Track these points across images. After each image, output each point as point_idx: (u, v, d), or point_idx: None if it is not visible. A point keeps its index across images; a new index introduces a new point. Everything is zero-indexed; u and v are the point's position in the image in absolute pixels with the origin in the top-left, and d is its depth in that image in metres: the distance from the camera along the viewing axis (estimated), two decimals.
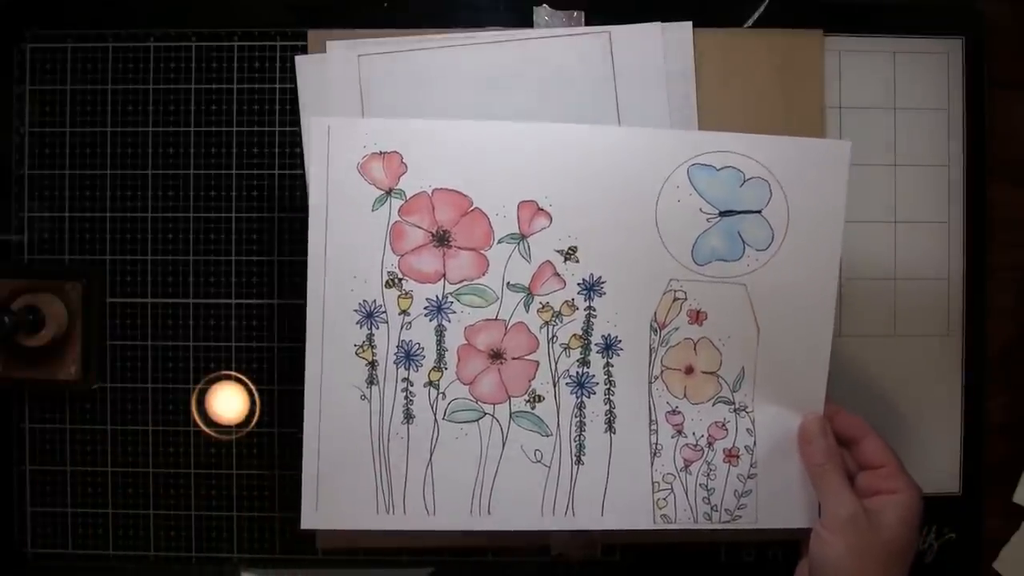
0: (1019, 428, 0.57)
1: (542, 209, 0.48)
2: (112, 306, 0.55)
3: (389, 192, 0.48)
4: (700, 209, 0.48)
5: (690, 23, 0.54)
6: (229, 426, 0.55)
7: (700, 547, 0.56)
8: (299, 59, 0.54)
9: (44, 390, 0.55)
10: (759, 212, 0.48)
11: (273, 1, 0.55)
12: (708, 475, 0.49)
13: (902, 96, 0.56)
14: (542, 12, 0.55)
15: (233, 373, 0.55)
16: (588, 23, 0.54)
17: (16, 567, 0.55)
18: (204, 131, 0.55)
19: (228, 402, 0.55)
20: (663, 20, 0.54)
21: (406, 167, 0.48)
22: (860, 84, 0.56)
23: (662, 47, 0.54)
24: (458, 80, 0.54)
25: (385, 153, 0.48)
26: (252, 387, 0.55)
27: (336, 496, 0.48)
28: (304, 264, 0.47)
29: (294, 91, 0.54)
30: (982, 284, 0.56)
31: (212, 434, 0.55)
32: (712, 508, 0.49)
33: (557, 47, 0.54)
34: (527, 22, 0.55)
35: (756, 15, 0.55)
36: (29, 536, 0.55)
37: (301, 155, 0.55)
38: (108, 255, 0.55)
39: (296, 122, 0.54)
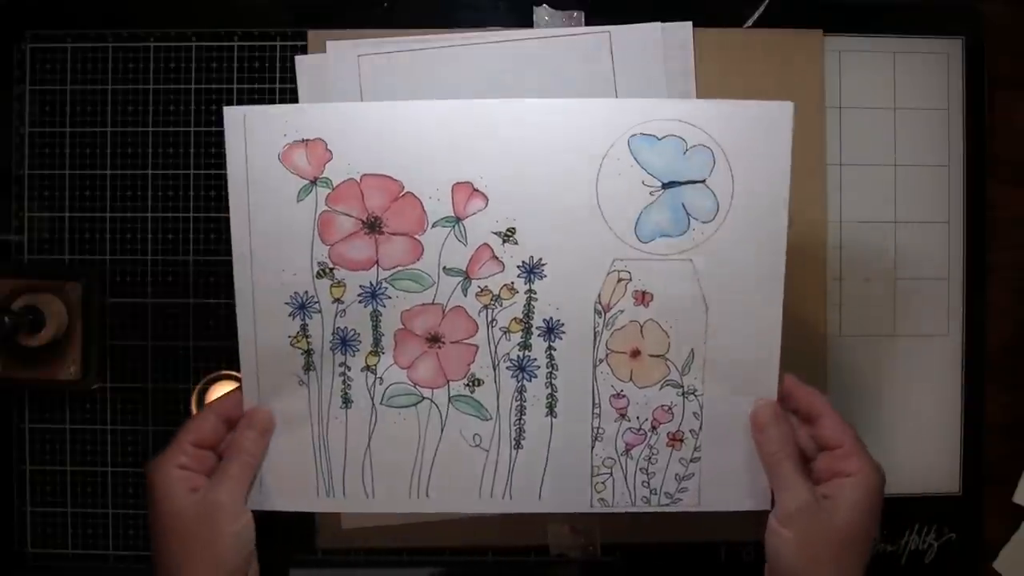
0: (1019, 428, 0.57)
1: (477, 190, 0.47)
2: (112, 306, 0.55)
3: (314, 181, 0.46)
4: (642, 182, 0.46)
5: (690, 23, 0.54)
6: None
7: (700, 547, 0.56)
8: (299, 59, 0.54)
9: (44, 390, 0.55)
10: (703, 182, 0.47)
11: (273, 1, 0.55)
12: (649, 459, 0.49)
13: (902, 96, 0.56)
14: (542, 12, 0.55)
15: (233, 373, 0.55)
16: (588, 23, 0.54)
17: (16, 567, 0.55)
18: (204, 131, 0.55)
19: None
20: (663, 20, 0.54)
21: (331, 154, 0.46)
22: (860, 84, 0.56)
23: (662, 47, 0.54)
24: (458, 80, 0.54)
25: (308, 140, 0.46)
26: None
27: (278, 479, 0.48)
28: None
29: (294, 91, 0.54)
30: (982, 284, 0.56)
31: None
32: (651, 492, 0.49)
33: (557, 47, 0.54)
34: (527, 22, 0.55)
35: (756, 15, 0.55)
36: (29, 536, 0.55)
37: None
38: (108, 255, 0.55)
39: None
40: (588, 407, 0.49)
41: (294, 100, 0.54)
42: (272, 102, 0.55)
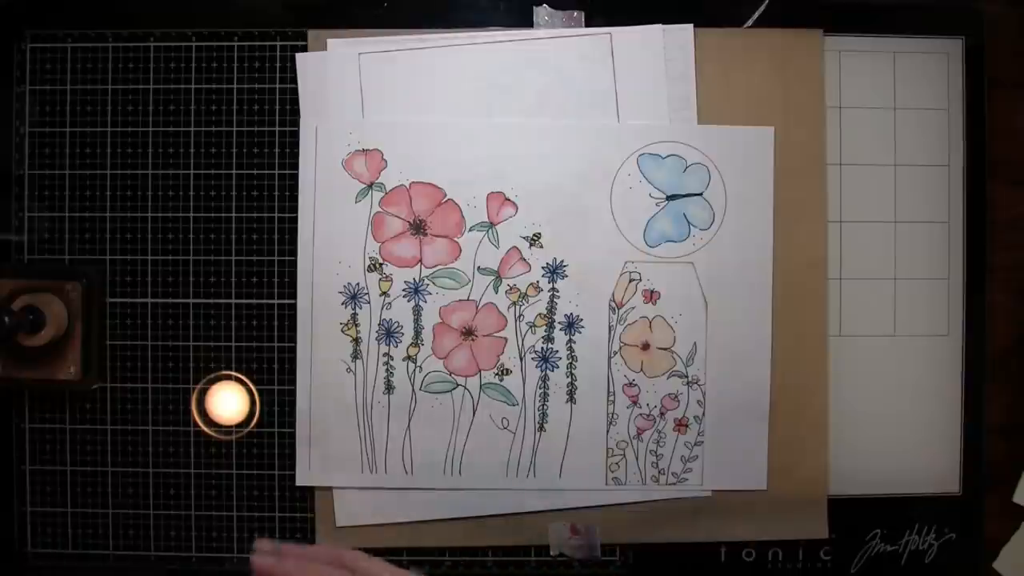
0: (1019, 428, 0.57)
1: (509, 199, 0.53)
2: (112, 306, 0.55)
3: (371, 185, 0.53)
4: (649, 195, 0.53)
5: (691, 25, 0.54)
6: (229, 426, 0.55)
7: (699, 547, 0.56)
8: (300, 56, 0.54)
9: (44, 390, 0.55)
10: (701, 195, 0.53)
11: (273, 1, 0.55)
12: (658, 442, 0.54)
13: (902, 96, 0.56)
14: (542, 12, 0.55)
15: (233, 373, 0.55)
16: (588, 23, 0.54)
17: (16, 567, 0.55)
18: (204, 131, 0.55)
19: (228, 402, 0.55)
20: (663, 20, 0.54)
21: (386, 163, 0.53)
22: (860, 84, 0.56)
23: (663, 49, 0.54)
24: (458, 80, 0.54)
25: (367, 151, 0.53)
26: (252, 387, 0.55)
27: (326, 458, 0.54)
28: None
29: (294, 91, 0.54)
30: (982, 284, 0.56)
31: (212, 434, 0.55)
32: (660, 471, 0.54)
33: (558, 47, 0.54)
34: (527, 22, 0.55)
35: (756, 15, 0.55)
36: (29, 536, 0.55)
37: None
38: (108, 255, 0.55)
39: (296, 122, 0.54)
40: (604, 395, 0.54)
41: (294, 100, 0.54)
42: (272, 102, 0.55)
